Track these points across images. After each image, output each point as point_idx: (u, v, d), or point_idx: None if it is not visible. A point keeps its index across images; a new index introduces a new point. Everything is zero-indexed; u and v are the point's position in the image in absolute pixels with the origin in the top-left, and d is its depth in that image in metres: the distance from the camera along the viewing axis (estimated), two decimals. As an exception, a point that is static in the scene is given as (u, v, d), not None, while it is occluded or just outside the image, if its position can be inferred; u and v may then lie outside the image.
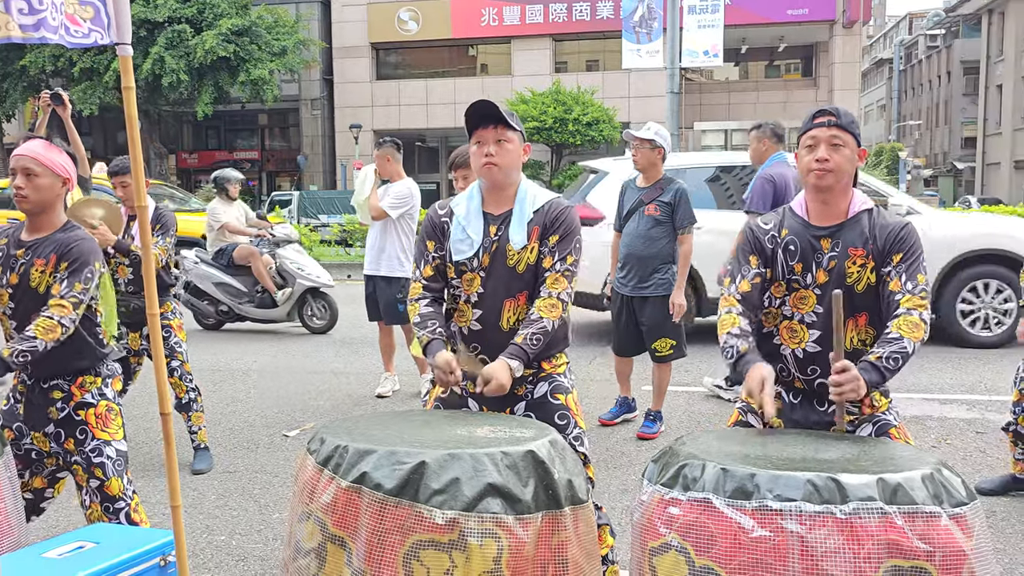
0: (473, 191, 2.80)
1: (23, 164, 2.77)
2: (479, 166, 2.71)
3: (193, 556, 3.63)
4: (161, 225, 4.63)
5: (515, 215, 2.71)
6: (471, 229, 2.72)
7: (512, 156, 2.70)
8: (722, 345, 2.46)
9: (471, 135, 2.73)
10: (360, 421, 2.43)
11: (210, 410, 5.84)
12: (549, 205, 2.74)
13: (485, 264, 2.70)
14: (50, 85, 26.71)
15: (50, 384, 2.89)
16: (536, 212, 2.72)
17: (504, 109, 2.69)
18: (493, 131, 2.67)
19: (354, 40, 30.51)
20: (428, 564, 1.94)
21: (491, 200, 2.76)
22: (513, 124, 2.69)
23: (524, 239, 2.68)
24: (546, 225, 2.70)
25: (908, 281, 2.37)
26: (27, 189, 2.78)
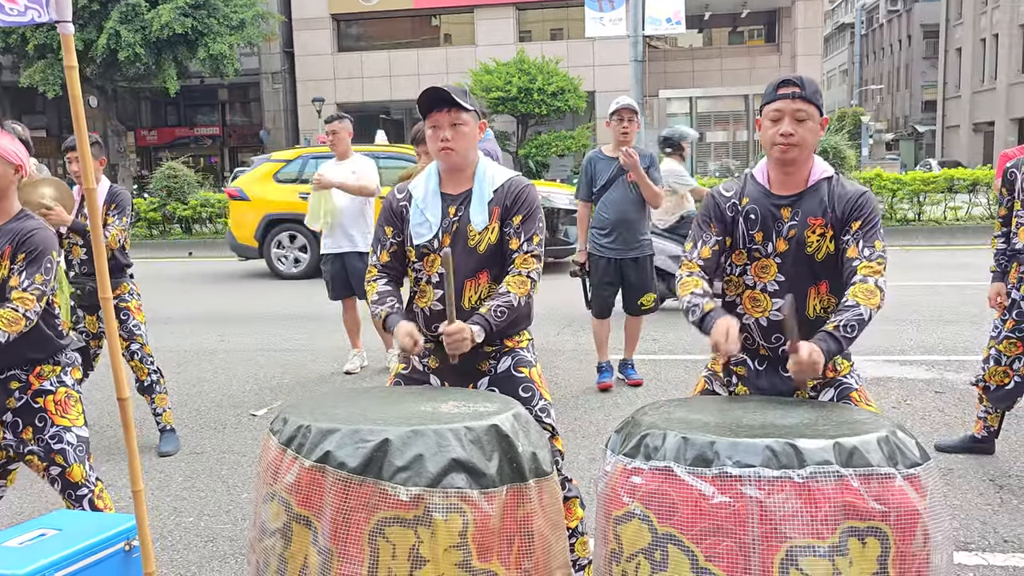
0: (431, 172, 2.78)
1: None
2: (436, 150, 2.69)
3: (161, 538, 3.61)
4: (117, 204, 4.54)
5: (475, 195, 2.70)
6: (429, 212, 2.71)
7: (468, 138, 2.68)
8: (686, 305, 2.47)
9: (425, 118, 2.69)
10: (323, 399, 2.42)
11: (176, 391, 5.79)
12: (509, 184, 2.73)
13: (446, 244, 2.68)
14: (1, 64, 26.06)
15: (7, 375, 2.84)
16: (496, 192, 2.71)
17: (456, 90, 2.66)
18: (447, 115, 2.64)
19: (314, 12, 30.01)
20: (394, 541, 1.94)
21: (449, 181, 2.75)
22: (467, 105, 2.66)
23: (485, 219, 2.68)
24: (507, 205, 2.69)
25: (865, 248, 2.39)
26: None
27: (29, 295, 2.68)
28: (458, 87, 2.69)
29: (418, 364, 2.78)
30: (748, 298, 2.54)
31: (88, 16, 22.72)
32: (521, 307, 2.67)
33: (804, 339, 2.24)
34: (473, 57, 27.90)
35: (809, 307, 2.48)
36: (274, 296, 10.36)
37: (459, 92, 2.67)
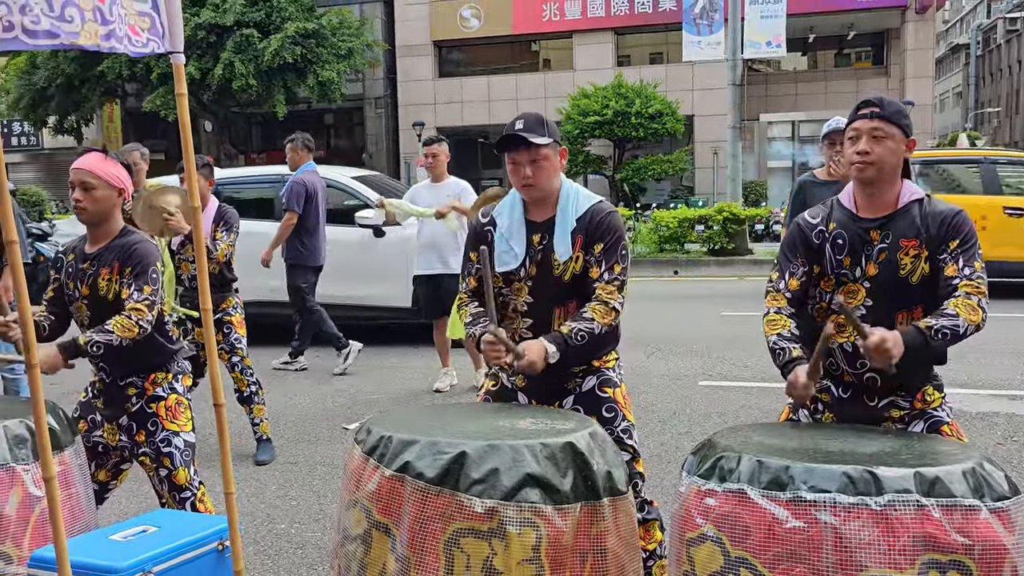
0: (515, 200, 2.80)
1: (80, 178, 2.90)
2: (518, 187, 2.73)
3: (254, 543, 3.76)
4: (225, 222, 4.80)
5: (558, 224, 2.71)
6: (514, 241, 2.74)
7: (548, 171, 2.69)
8: (772, 346, 2.44)
9: (503, 154, 2.72)
10: (407, 413, 2.51)
11: (273, 404, 6.01)
12: (591, 212, 2.72)
13: (532, 273, 2.72)
14: (127, 91, 27.73)
15: (126, 381, 3.04)
16: (579, 220, 2.71)
17: (533, 121, 2.66)
18: (526, 152, 2.66)
19: (417, 39, 30.81)
20: (468, 551, 1.99)
21: (533, 208, 2.77)
22: (543, 141, 2.65)
23: (568, 250, 2.68)
24: (590, 233, 2.69)
25: (965, 267, 2.32)
26: (85, 201, 2.91)
27: (141, 306, 2.87)
28: (535, 116, 2.70)
29: (507, 382, 2.82)
30: (834, 323, 2.50)
31: (205, 47, 23.96)
32: (602, 334, 2.66)
33: (890, 371, 2.19)
34: (571, 81, 28.08)
35: None
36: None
37: (535, 123, 2.67)
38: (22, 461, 2.43)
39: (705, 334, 8.41)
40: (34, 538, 2.43)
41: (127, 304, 2.87)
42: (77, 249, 3.06)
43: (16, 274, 1.88)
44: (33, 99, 26.22)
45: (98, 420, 3.09)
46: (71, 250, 3.08)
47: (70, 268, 3.04)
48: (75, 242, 3.11)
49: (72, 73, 25.18)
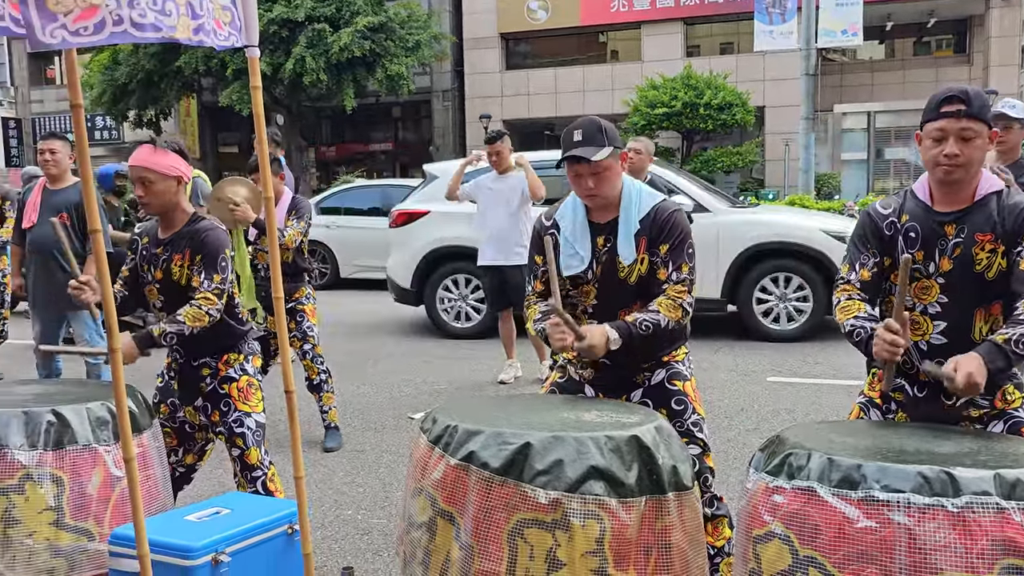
0: (577, 202, 2.77)
1: (138, 175, 3.00)
2: (581, 196, 2.71)
3: (322, 528, 3.84)
4: (296, 211, 4.90)
5: (621, 226, 2.68)
6: (579, 245, 2.71)
7: (610, 179, 2.66)
8: (848, 328, 2.38)
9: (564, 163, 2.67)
10: (473, 403, 2.53)
11: (341, 392, 6.11)
12: (655, 212, 2.68)
13: (598, 275, 2.70)
14: (203, 85, 28.48)
15: (199, 363, 3.14)
16: (642, 221, 2.67)
17: (591, 132, 2.61)
18: (587, 165, 2.61)
19: (484, 31, 30.88)
20: (532, 542, 2.00)
21: (596, 209, 2.74)
22: (602, 155, 2.60)
23: (632, 253, 2.65)
24: (654, 234, 2.66)
25: None
26: (147, 196, 3.01)
27: (210, 295, 2.97)
28: (594, 125, 2.65)
29: (574, 374, 2.82)
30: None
31: (278, 42, 24.44)
32: (669, 328, 2.63)
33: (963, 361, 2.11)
34: (639, 73, 27.79)
35: (975, 330, 2.33)
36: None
37: (594, 132, 2.62)
38: (104, 442, 2.52)
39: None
40: (114, 516, 2.52)
41: (198, 293, 2.96)
42: (151, 233, 3.16)
43: (99, 261, 1.96)
44: (115, 94, 27.11)
45: (178, 403, 3.19)
46: (145, 233, 3.18)
47: (144, 251, 3.14)
48: (150, 226, 3.21)
49: (151, 69, 25.98)
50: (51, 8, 1.67)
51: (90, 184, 1.88)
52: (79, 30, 1.69)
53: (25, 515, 2.40)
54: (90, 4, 1.68)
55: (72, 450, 2.47)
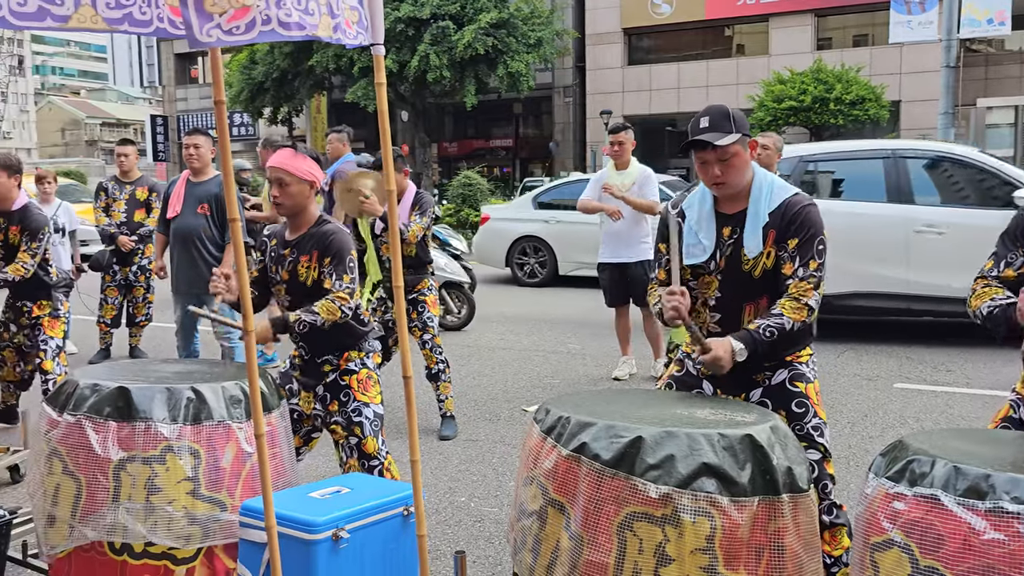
0: (705, 191, 2.74)
1: (275, 175, 3.16)
2: (708, 185, 2.67)
3: (436, 513, 3.95)
4: (419, 205, 5.03)
5: (749, 218, 2.62)
6: (703, 234, 2.68)
7: (738, 167, 2.61)
8: (986, 313, 2.31)
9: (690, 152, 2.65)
10: (586, 396, 2.55)
11: (458, 383, 6.24)
12: (785, 205, 2.61)
13: (722, 267, 2.65)
14: (332, 83, 29.55)
15: (322, 359, 3.29)
16: (771, 213, 2.61)
17: (719, 117, 2.58)
18: (714, 152, 2.57)
19: (607, 26, 30.73)
20: (641, 535, 2.01)
21: (724, 200, 2.69)
22: (729, 141, 2.56)
23: (759, 245, 2.60)
24: (783, 228, 2.59)
25: None
26: (282, 197, 3.17)
27: (344, 294, 3.13)
28: (721, 111, 2.61)
29: (692, 368, 2.79)
30: None
31: (404, 39, 25.09)
32: (794, 331, 2.56)
33: None
34: (766, 67, 27.02)
35: None
36: (555, 300, 10.77)
37: (721, 119, 2.59)
38: (236, 419, 2.68)
39: (904, 334, 7.88)
40: (245, 490, 2.68)
41: (332, 292, 3.12)
42: (279, 235, 3.33)
43: (237, 249, 2.09)
44: (251, 92, 28.51)
45: (295, 389, 3.35)
46: (274, 235, 3.35)
47: (272, 253, 3.31)
48: (278, 228, 3.38)
49: (286, 67, 27.18)
50: (208, 9, 1.79)
51: (230, 176, 2.00)
52: (232, 29, 1.80)
53: (166, 484, 2.58)
54: (242, 4, 1.80)
55: (208, 425, 2.63)
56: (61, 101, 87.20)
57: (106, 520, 2.56)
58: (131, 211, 7.06)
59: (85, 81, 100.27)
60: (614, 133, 6.43)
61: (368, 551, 2.50)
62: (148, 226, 6.99)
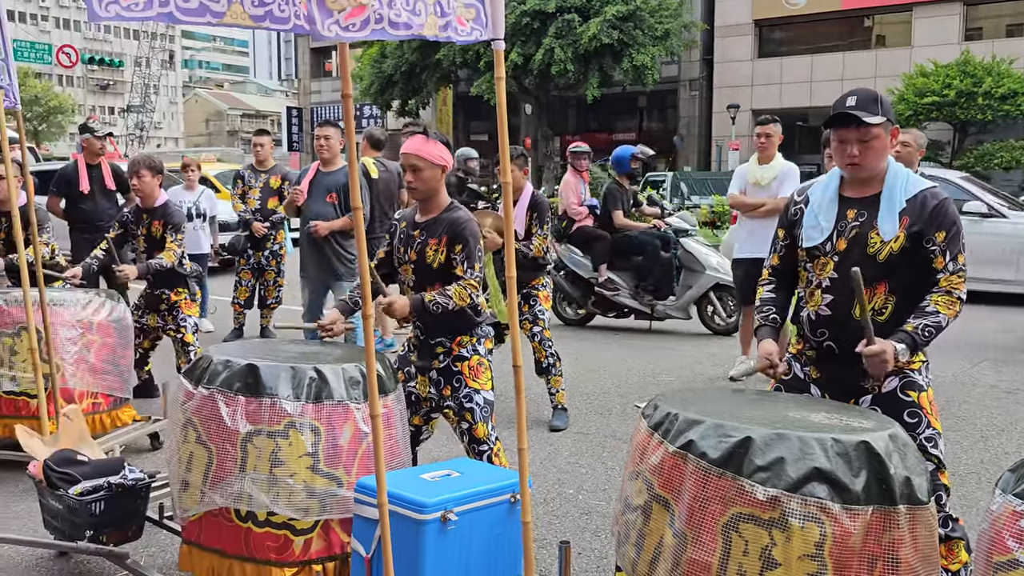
0: (832, 175, 2.75)
1: (409, 162, 3.27)
2: (842, 165, 2.65)
3: (544, 503, 3.99)
4: (538, 214, 5.10)
5: (884, 202, 2.60)
6: (822, 216, 2.68)
7: (877, 151, 2.60)
8: None
9: (832, 130, 2.64)
10: (696, 393, 2.53)
11: (571, 376, 6.27)
12: (923, 196, 2.60)
13: (840, 249, 2.63)
14: (459, 76, 30.05)
15: (435, 341, 3.38)
16: (908, 201, 2.59)
17: (866, 99, 2.56)
18: (855, 131, 2.57)
19: (737, 18, 29.96)
20: (747, 537, 1.98)
21: (851, 185, 2.68)
22: (875, 121, 2.55)
23: (895, 228, 2.57)
24: (922, 218, 2.56)
25: None
26: (415, 182, 3.28)
27: (474, 282, 3.23)
28: (869, 93, 2.60)
29: (799, 372, 2.75)
30: None
31: (529, 33, 25.22)
32: (945, 329, 2.54)
33: None
34: (907, 59, 25.71)
35: None
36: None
37: (868, 100, 2.58)
38: (354, 400, 2.80)
39: None
40: (360, 468, 2.79)
41: (463, 279, 3.22)
42: (408, 217, 3.44)
43: (358, 237, 2.18)
44: (381, 85, 29.36)
45: (412, 372, 3.45)
46: (404, 218, 3.47)
47: (402, 234, 3.43)
48: (408, 211, 3.49)
49: (414, 61, 27.83)
50: (329, 5, 1.91)
51: (354, 166, 2.09)
52: (349, 26, 1.92)
53: (288, 458, 2.72)
54: (359, 3, 1.91)
55: (328, 404, 2.76)
56: (206, 93, 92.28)
57: (233, 488, 2.73)
58: (265, 198, 7.42)
59: (228, 75, 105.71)
60: (762, 125, 6.18)
61: (475, 534, 2.57)
62: (280, 213, 7.33)
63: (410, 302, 3.18)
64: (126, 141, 51.90)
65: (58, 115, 54.58)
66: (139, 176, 5.06)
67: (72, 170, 6.89)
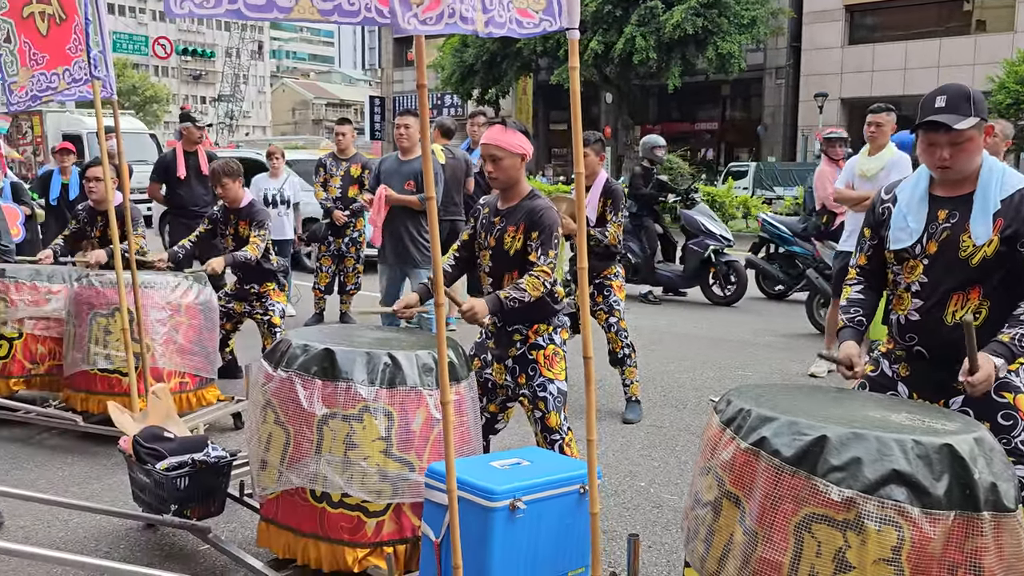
0: (921, 174, 2.62)
1: (489, 152, 3.29)
2: (931, 167, 2.54)
3: (615, 495, 3.97)
4: (613, 202, 5.05)
5: (977, 203, 2.47)
6: (911, 217, 2.56)
7: (970, 152, 2.47)
8: None
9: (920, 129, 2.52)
10: (772, 389, 2.47)
11: (645, 367, 6.22)
12: (1020, 196, 2.45)
13: (930, 252, 2.52)
14: (539, 65, 30.00)
15: (512, 328, 3.40)
16: (1003, 201, 2.45)
17: (958, 97, 2.43)
18: (946, 135, 2.45)
19: (827, 3, 29.08)
20: (820, 538, 1.93)
21: (942, 184, 2.56)
22: (965, 125, 2.42)
23: (988, 231, 2.44)
24: (1020, 220, 2.42)
25: None
26: (496, 172, 3.30)
27: (547, 268, 3.23)
28: (960, 92, 2.48)
29: (887, 369, 2.68)
30: None
31: (611, 21, 24.97)
32: None
33: None
34: (1010, 44, 24.51)
35: None
36: (752, 288, 10.41)
37: (959, 100, 2.45)
38: (427, 386, 2.83)
39: None
40: (432, 453, 2.83)
41: (536, 266, 3.23)
42: (491, 204, 3.47)
43: (432, 225, 2.20)
44: (462, 74, 29.53)
45: (489, 360, 3.48)
46: (486, 204, 3.50)
47: (483, 220, 3.45)
48: (491, 197, 3.52)
49: (495, 50, 27.89)
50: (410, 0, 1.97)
51: (428, 154, 2.11)
52: (426, 19, 1.99)
53: (362, 441, 2.77)
54: None
55: (402, 390, 2.80)
56: (293, 83, 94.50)
57: (309, 469, 2.80)
58: (345, 187, 7.57)
59: (314, 64, 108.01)
60: (873, 113, 5.89)
61: (543, 524, 2.57)
62: (360, 201, 7.47)
63: (488, 304, 3.19)
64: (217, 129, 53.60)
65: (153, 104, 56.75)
66: (222, 185, 5.33)
67: (171, 157, 7.23)
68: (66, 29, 4.05)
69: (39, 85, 4.17)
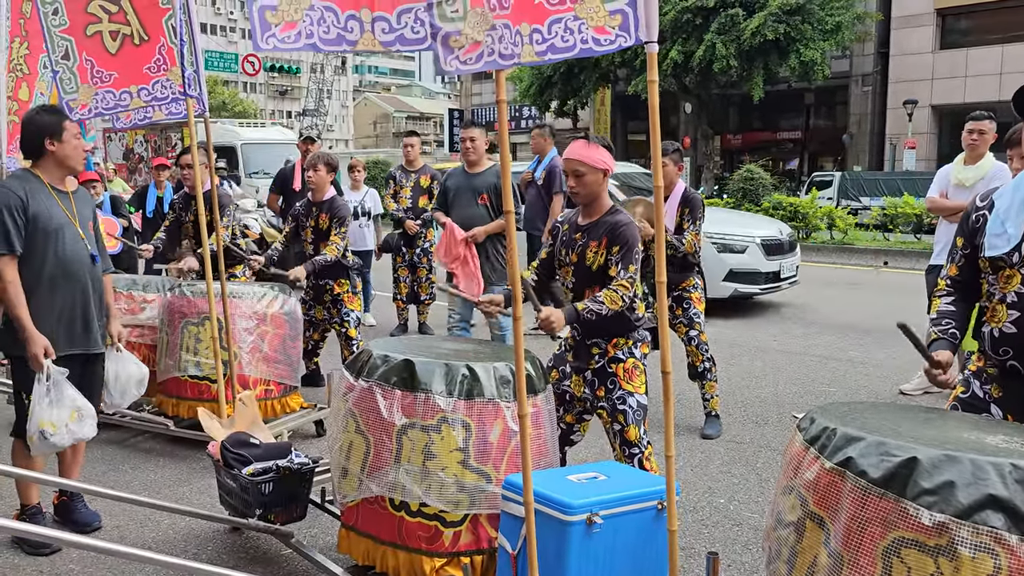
0: (1022, 179, 2.50)
1: (571, 167, 3.30)
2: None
3: (693, 512, 3.91)
4: (691, 210, 4.99)
5: None
6: (1010, 223, 2.43)
7: None
8: None
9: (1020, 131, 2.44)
10: (858, 407, 2.39)
11: (726, 382, 6.11)
12: None
13: None
14: (617, 76, 29.91)
15: (591, 341, 3.39)
16: None
17: None
18: None
19: (917, 7, 28.15)
20: (910, 564, 1.86)
21: None
22: None
23: None
24: None
25: None
26: (578, 187, 3.31)
27: (626, 283, 3.22)
28: None
29: (979, 390, 2.56)
30: None
31: (690, 29, 24.70)
32: None
33: None
34: (1114, 47, 23.29)
35: None
36: (836, 301, 10.13)
37: None
38: (505, 399, 2.85)
39: None
40: (509, 465, 2.84)
41: (615, 280, 3.22)
42: (571, 220, 3.47)
43: (509, 239, 2.21)
44: (540, 86, 29.66)
45: (567, 371, 3.47)
46: (566, 220, 3.50)
47: (564, 237, 3.46)
48: (570, 214, 3.53)
49: (573, 62, 27.91)
50: (451, 44, 2.25)
51: (507, 167, 2.13)
52: (467, 60, 2.23)
53: (440, 451, 2.80)
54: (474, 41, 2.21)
55: (479, 401, 2.82)
56: (374, 97, 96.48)
57: (388, 478, 2.84)
58: (416, 197, 7.68)
59: (395, 79, 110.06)
60: (975, 121, 5.70)
61: (620, 539, 2.55)
62: (430, 212, 7.57)
63: (565, 314, 3.20)
64: (300, 143, 54.97)
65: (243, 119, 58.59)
66: (315, 169, 5.49)
67: (289, 171, 7.89)
68: (147, 50, 4.11)
69: (105, 103, 4.18)
